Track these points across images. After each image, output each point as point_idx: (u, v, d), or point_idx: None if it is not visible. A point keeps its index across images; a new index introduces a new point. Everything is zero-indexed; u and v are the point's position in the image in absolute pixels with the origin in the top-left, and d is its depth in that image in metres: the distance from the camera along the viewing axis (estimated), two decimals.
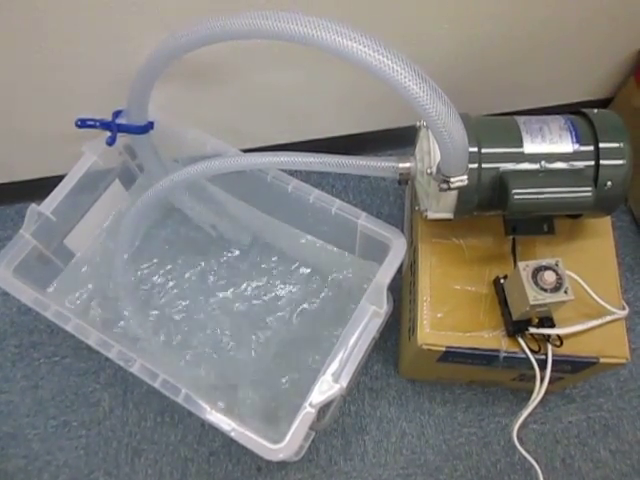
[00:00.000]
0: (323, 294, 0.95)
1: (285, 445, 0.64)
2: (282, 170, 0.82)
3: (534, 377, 0.71)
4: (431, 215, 0.72)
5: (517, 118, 0.70)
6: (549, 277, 0.64)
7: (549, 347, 0.71)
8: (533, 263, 0.66)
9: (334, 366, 0.68)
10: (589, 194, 0.64)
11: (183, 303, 0.96)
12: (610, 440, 0.93)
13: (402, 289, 0.95)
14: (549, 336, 0.71)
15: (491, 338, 0.73)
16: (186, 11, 0.74)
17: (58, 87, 0.83)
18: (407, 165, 0.69)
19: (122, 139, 0.84)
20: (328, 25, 0.50)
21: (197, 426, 0.93)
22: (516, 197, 0.64)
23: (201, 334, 0.93)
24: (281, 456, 0.64)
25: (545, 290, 0.64)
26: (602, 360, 0.71)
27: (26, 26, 0.72)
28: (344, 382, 0.67)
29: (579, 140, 0.67)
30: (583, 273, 0.71)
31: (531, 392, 0.72)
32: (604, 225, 0.79)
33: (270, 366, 0.90)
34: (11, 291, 0.75)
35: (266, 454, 0.64)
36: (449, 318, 0.74)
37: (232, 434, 0.66)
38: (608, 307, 0.72)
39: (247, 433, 0.65)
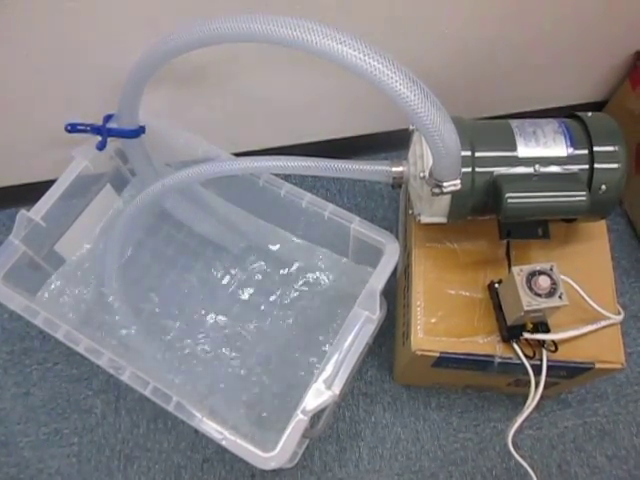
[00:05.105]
0: (316, 299, 0.94)
1: (277, 453, 0.63)
2: (275, 174, 0.81)
3: (529, 382, 0.71)
4: (424, 219, 0.71)
5: (511, 121, 0.70)
6: (543, 282, 0.63)
7: (544, 352, 0.70)
8: (527, 268, 0.65)
9: (327, 372, 0.67)
10: (583, 198, 0.64)
11: (176, 308, 0.95)
12: (606, 445, 0.93)
13: (397, 294, 0.94)
14: (544, 341, 0.70)
15: (486, 344, 0.72)
16: (177, 14, 0.73)
17: (48, 91, 0.83)
18: (400, 169, 0.69)
19: (113, 143, 0.84)
20: (318, 28, 0.49)
21: (190, 433, 0.93)
22: (510, 201, 0.63)
23: (194, 338, 0.93)
24: (273, 464, 0.63)
25: (539, 295, 0.63)
26: (597, 365, 0.71)
27: (13, 29, 0.71)
28: (337, 389, 0.66)
29: (573, 144, 0.66)
30: (578, 278, 0.71)
31: (527, 397, 0.71)
32: (599, 229, 0.78)
33: (263, 371, 0.90)
34: (0, 298, 0.74)
35: (258, 462, 0.63)
36: (443, 323, 0.73)
37: (223, 442, 0.65)
38: (603, 312, 0.71)
39: (238, 441, 0.64)
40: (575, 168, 0.66)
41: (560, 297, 0.64)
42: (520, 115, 0.87)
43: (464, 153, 0.63)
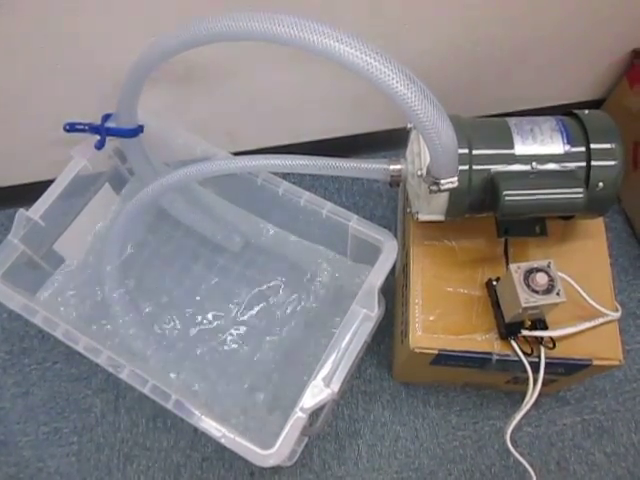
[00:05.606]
0: (314, 297, 0.94)
1: (276, 451, 0.63)
2: (274, 173, 0.81)
3: (528, 379, 0.71)
4: (422, 217, 0.72)
5: (508, 119, 0.70)
6: (541, 279, 0.64)
7: (542, 349, 0.70)
8: (525, 265, 0.65)
9: (325, 370, 0.67)
10: (580, 195, 0.64)
11: (175, 306, 0.95)
12: (605, 442, 0.93)
13: (395, 292, 0.94)
14: (542, 338, 0.70)
15: (484, 341, 0.72)
16: (176, 13, 0.73)
17: (46, 91, 0.83)
18: (398, 167, 0.69)
19: (112, 143, 0.84)
20: (316, 27, 0.49)
21: (190, 431, 0.93)
22: (507, 199, 0.64)
23: (193, 337, 0.93)
24: (272, 462, 0.63)
25: (537, 292, 0.64)
26: (595, 362, 0.71)
27: (12, 29, 0.72)
28: (335, 386, 0.66)
29: (570, 141, 0.66)
30: (576, 275, 0.71)
31: (525, 395, 0.71)
32: (597, 226, 0.78)
33: (262, 370, 0.90)
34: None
35: (256, 460, 0.63)
36: (441, 321, 0.73)
37: (222, 440, 0.65)
38: (601, 309, 0.71)
39: (237, 439, 0.65)
40: (572, 165, 0.66)
41: (558, 294, 0.64)
42: (518, 114, 0.87)
43: (461, 151, 0.63)
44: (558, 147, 0.66)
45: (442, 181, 0.59)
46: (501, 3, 0.83)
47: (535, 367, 0.70)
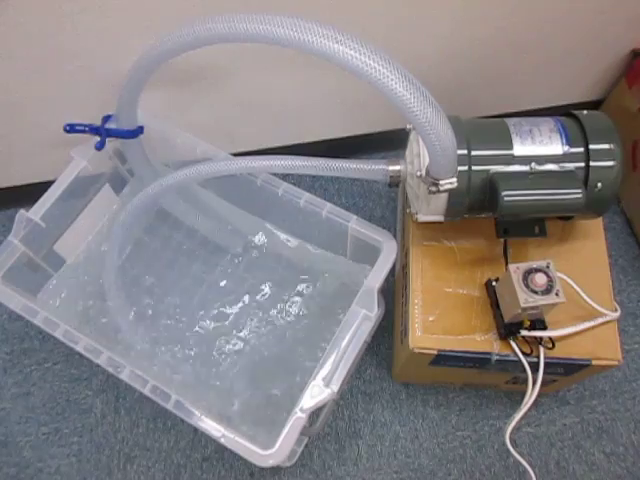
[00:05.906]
0: (314, 297, 0.95)
1: (275, 451, 0.63)
2: (273, 174, 0.81)
3: (527, 380, 0.71)
4: (422, 218, 0.72)
5: (507, 120, 0.70)
6: (540, 279, 0.64)
7: (541, 350, 0.70)
8: (524, 265, 0.65)
9: (325, 370, 0.67)
10: (579, 196, 0.64)
11: (174, 307, 0.95)
12: (604, 442, 0.93)
13: (395, 292, 0.94)
14: (541, 338, 0.70)
15: (483, 341, 0.72)
16: (176, 14, 0.73)
17: (47, 92, 0.83)
18: (397, 168, 0.69)
19: (112, 144, 0.84)
20: (314, 28, 0.50)
21: (190, 432, 0.93)
22: (506, 199, 0.64)
23: (193, 337, 0.93)
24: (271, 462, 0.63)
25: (536, 292, 0.64)
26: (594, 362, 0.71)
27: (13, 31, 0.72)
28: (335, 387, 0.66)
29: (569, 142, 0.67)
30: (575, 275, 0.71)
31: (525, 395, 0.72)
32: (596, 226, 0.78)
33: (263, 370, 0.90)
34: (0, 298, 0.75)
35: (256, 460, 0.64)
36: (441, 321, 0.73)
37: (222, 440, 0.65)
38: (600, 309, 0.71)
39: (237, 439, 0.65)
40: (571, 166, 0.66)
41: (557, 294, 0.64)
42: (517, 114, 0.87)
43: (460, 151, 0.63)
44: (557, 148, 0.66)
45: (441, 182, 0.59)
46: (499, 3, 0.83)
47: (534, 367, 0.70)
